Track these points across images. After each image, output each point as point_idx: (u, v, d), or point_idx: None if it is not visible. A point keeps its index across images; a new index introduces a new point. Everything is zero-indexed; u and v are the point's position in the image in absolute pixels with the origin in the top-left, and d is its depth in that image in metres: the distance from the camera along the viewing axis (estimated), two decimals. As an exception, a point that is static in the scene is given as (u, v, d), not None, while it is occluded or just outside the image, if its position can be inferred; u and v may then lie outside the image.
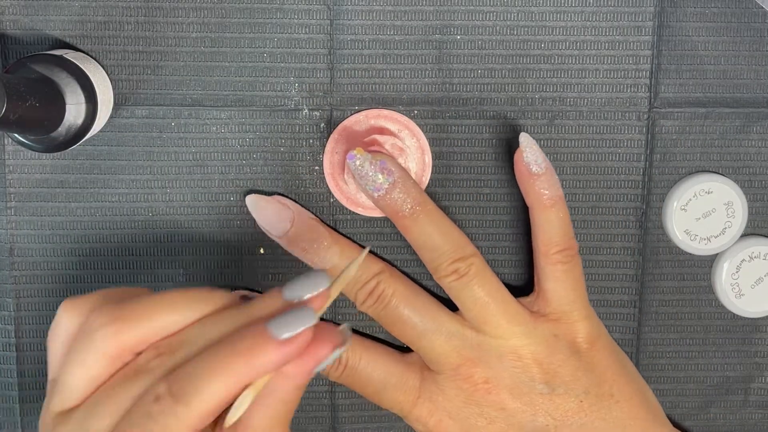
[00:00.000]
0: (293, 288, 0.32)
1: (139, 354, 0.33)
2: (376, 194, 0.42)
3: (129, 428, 0.31)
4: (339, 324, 0.46)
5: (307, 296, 0.32)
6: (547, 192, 0.43)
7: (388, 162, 0.42)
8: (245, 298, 0.33)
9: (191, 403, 0.30)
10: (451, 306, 0.44)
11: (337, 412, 0.47)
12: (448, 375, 0.43)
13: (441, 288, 0.45)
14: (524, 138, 0.43)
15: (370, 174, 0.42)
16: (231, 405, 0.32)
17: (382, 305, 0.43)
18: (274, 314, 0.31)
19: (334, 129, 0.45)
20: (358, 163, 0.42)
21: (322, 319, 0.46)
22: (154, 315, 0.33)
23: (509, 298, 0.43)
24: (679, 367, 0.48)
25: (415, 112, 0.45)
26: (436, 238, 0.43)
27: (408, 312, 0.43)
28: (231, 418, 0.32)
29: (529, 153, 0.42)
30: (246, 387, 0.31)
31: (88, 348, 0.32)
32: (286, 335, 0.30)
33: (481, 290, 0.43)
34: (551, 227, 0.43)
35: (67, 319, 0.33)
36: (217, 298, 0.33)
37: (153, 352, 0.32)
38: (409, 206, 0.42)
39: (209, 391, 0.30)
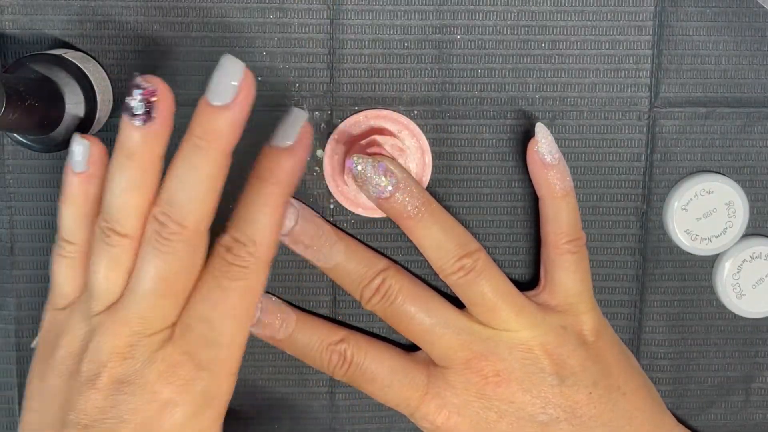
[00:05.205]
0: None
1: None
2: (379, 197, 0.42)
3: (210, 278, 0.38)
4: (341, 324, 0.46)
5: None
6: (558, 183, 0.43)
7: (388, 164, 0.42)
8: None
9: (255, 237, 0.38)
10: (457, 306, 0.44)
11: (336, 412, 0.47)
12: (457, 369, 0.43)
13: (445, 288, 0.45)
14: (540, 128, 0.43)
15: (374, 178, 0.42)
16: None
17: (389, 302, 0.43)
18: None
19: (334, 129, 0.45)
20: (360, 168, 0.42)
21: (323, 316, 0.46)
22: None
23: (516, 292, 0.43)
24: (679, 368, 0.48)
25: (415, 112, 0.45)
26: (440, 237, 0.43)
27: (415, 308, 0.43)
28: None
29: (544, 144, 0.43)
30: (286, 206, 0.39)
31: None
32: (288, 142, 0.39)
33: (487, 285, 0.43)
34: (561, 218, 0.43)
35: None
36: None
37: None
38: (412, 207, 0.42)
39: (263, 222, 0.38)
